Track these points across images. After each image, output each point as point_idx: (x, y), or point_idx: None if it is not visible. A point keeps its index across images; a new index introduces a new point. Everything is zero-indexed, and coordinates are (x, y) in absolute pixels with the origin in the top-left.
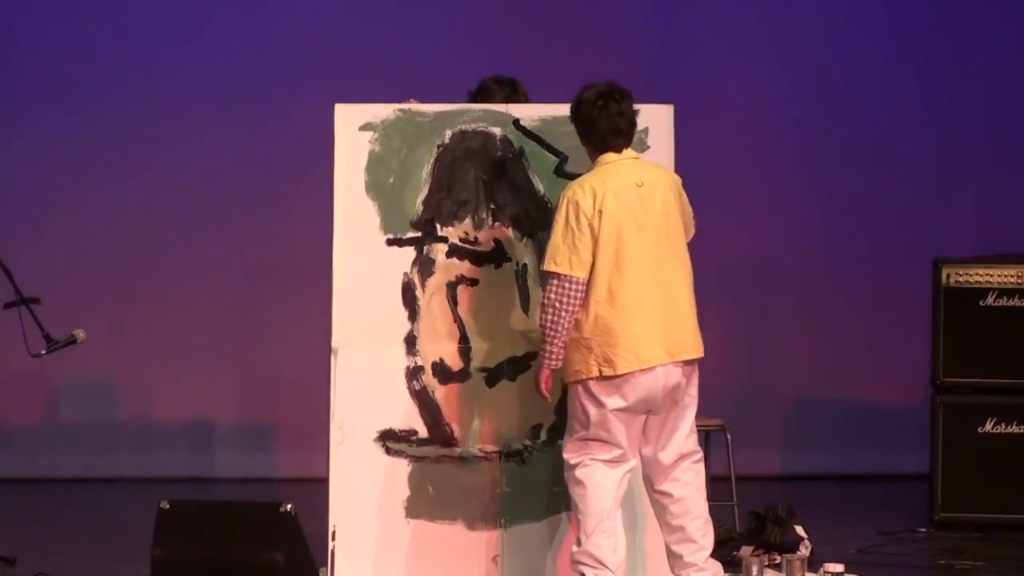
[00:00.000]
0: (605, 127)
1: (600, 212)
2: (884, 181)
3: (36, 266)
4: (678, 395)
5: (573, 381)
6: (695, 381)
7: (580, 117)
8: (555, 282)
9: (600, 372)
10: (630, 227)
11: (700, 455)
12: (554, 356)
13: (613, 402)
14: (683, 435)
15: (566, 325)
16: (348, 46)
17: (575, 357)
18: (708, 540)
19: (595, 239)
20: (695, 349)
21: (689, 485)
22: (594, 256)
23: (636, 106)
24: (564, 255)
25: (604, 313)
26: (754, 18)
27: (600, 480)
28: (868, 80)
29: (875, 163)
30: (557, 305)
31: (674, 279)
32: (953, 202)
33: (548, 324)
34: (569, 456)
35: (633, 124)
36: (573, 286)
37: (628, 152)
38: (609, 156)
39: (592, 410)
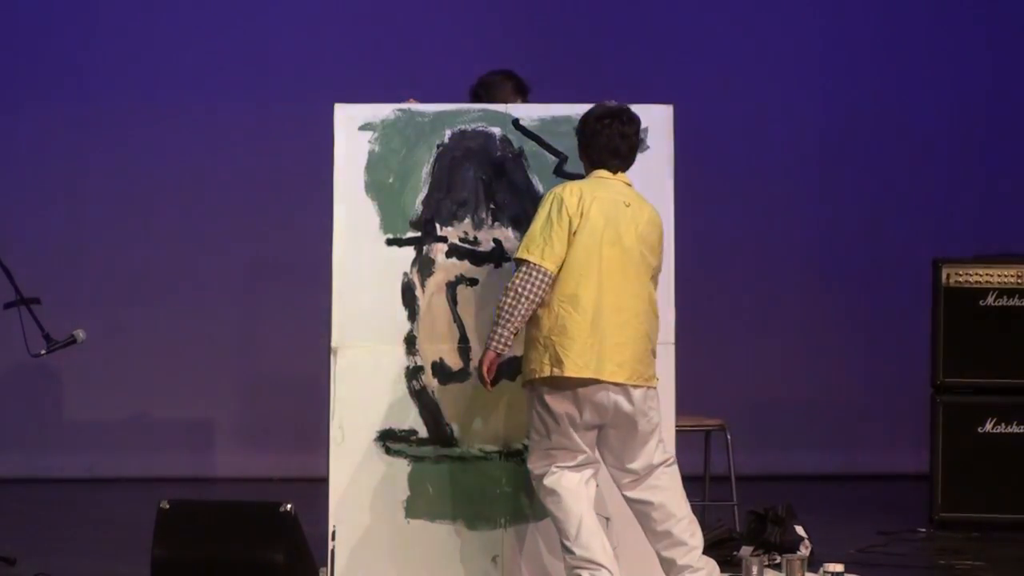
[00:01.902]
0: (604, 144)
1: (582, 214)
2: (884, 181)
3: (36, 266)
4: (635, 419)
5: (528, 382)
6: (655, 407)
7: (583, 131)
8: (524, 269)
9: (551, 372)
10: (608, 238)
11: (673, 459)
12: (502, 341)
13: (567, 414)
14: (651, 449)
15: (523, 313)
16: (348, 46)
17: (531, 356)
18: (697, 539)
19: (571, 238)
20: (646, 377)
21: (667, 490)
22: (567, 256)
23: (637, 106)
24: (538, 245)
25: (565, 313)
26: (756, 18)
27: (569, 484)
28: (868, 81)
29: (875, 163)
30: (520, 291)
31: (637, 302)
32: (953, 202)
33: (506, 307)
34: (534, 467)
35: (633, 150)
36: (540, 276)
37: (622, 176)
38: (603, 172)
39: (549, 420)
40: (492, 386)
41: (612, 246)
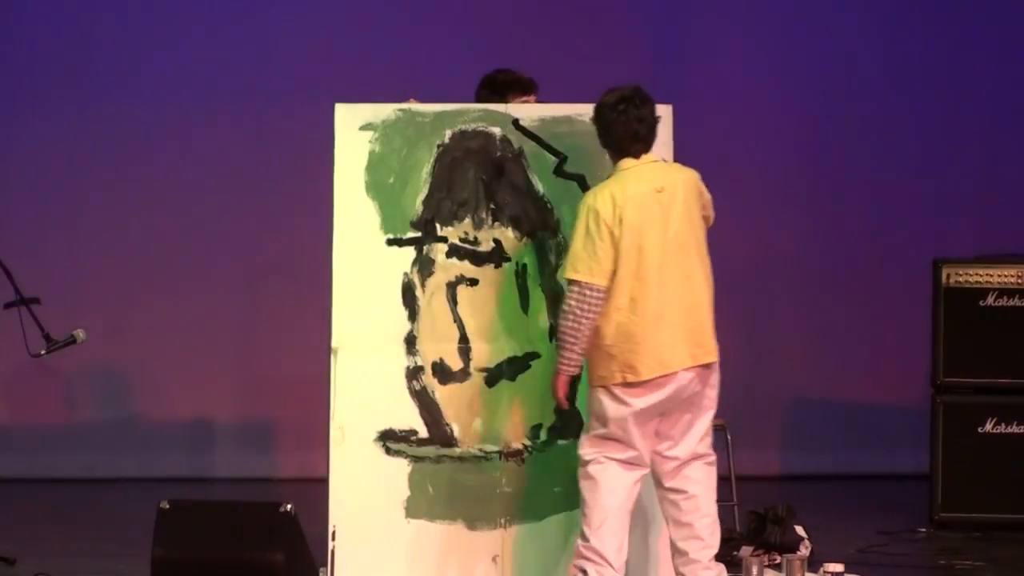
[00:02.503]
0: (623, 132)
1: (620, 220)
2: (884, 181)
3: (36, 266)
4: (697, 398)
5: (597, 386)
6: (715, 383)
7: (600, 121)
8: (576, 289)
9: (624, 379)
10: (651, 234)
11: (713, 458)
12: (572, 362)
13: (636, 402)
14: (698, 435)
15: (586, 332)
16: (349, 46)
17: (598, 364)
18: (715, 539)
19: (615, 247)
20: (713, 352)
21: (700, 483)
22: (615, 264)
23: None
24: (584, 263)
25: (626, 320)
26: (754, 17)
27: (611, 480)
28: (867, 79)
29: (874, 163)
30: (577, 312)
31: (695, 283)
32: (953, 202)
33: (568, 331)
34: (584, 452)
35: (653, 129)
36: (593, 294)
37: (647, 156)
38: (628, 162)
39: (612, 409)
40: (568, 404)
41: (658, 240)
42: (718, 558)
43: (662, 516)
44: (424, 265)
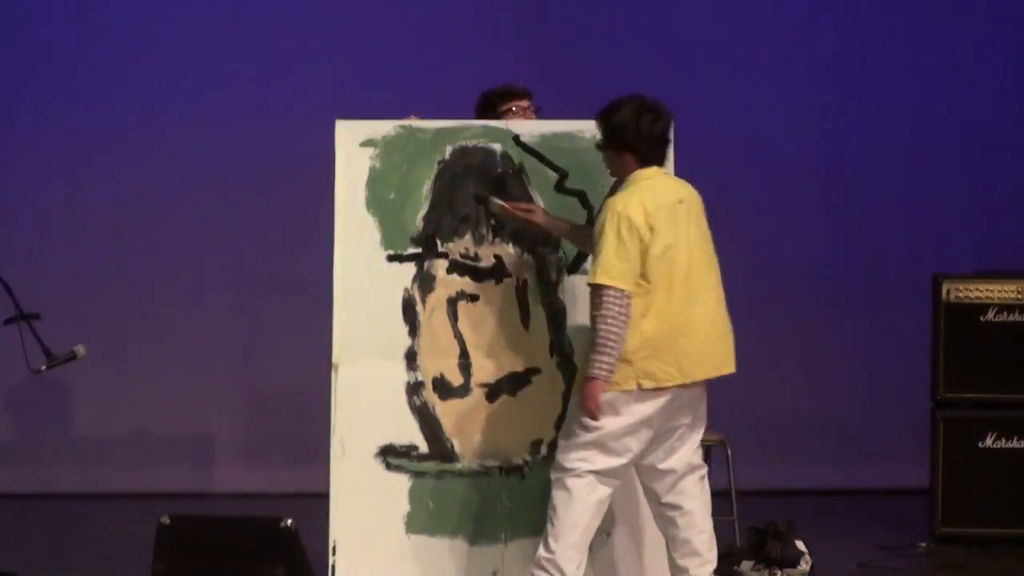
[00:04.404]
0: (651, 138)
1: (652, 228)
2: (883, 196)
3: (36, 281)
4: (699, 408)
5: (604, 391)
6: (704, 397)
7: (620, 129)
8: (609, 293)
9: (639, 385)
10: (678, 245)
11: (706, 470)
12: (607, 367)
13: (643, 409)
14: (694, 446)
15: (621, 336)
16: (349, 62)
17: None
18: (713, 555)
19: (645, 254)
20: (733, 363)
21: (696, 499)
22: (643, 272)
23: None
24: (617, 268)
25: (650, 328)
26: (757, 25)
27: (586, 496)
28: (869, 94)
29: (874, 177)
30: (613, 317)
31: (716, 296)
32: (953, 217)
33: (603, 336)
34: (567, 460)
35: (669, 142)
36: (624, 298)
37: (661, 169)
38: (647, 171)
39: (614, 415)
40: (599, 415)
41: (683, 251)
42: (718, 573)
43: (656, 531)
44: (425, 281)
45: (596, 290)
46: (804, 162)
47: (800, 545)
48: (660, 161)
